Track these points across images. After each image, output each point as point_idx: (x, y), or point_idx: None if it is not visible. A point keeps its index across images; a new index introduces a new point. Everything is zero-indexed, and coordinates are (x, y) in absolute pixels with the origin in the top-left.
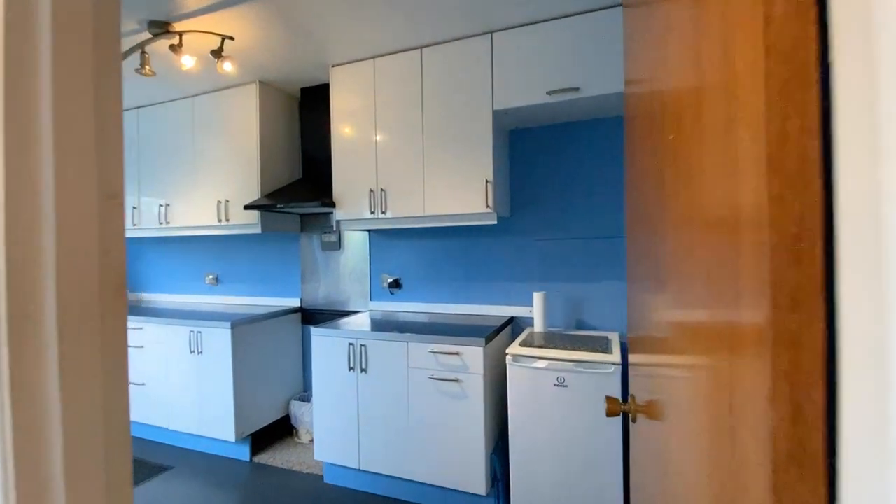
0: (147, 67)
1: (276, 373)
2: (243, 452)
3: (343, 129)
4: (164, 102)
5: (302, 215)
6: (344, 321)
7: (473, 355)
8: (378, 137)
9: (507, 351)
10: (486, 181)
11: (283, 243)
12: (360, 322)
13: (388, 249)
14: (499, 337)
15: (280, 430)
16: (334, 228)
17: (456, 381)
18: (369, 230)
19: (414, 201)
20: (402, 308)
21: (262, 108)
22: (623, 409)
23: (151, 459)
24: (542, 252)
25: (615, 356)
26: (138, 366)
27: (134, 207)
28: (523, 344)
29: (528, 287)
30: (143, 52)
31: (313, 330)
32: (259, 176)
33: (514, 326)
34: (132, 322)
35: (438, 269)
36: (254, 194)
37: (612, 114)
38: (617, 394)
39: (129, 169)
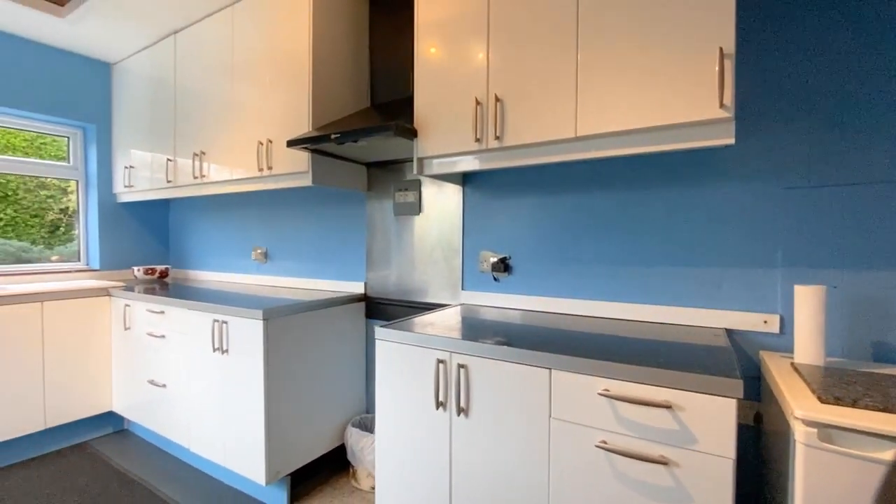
0: None
1: (330, 386)
2: (279, 499)
3: (434, 36)
4: (201, 21)
5: (369, 167)
6: (423, 320)
7: (708, 414)
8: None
9: (799, 414)
10: (722, 53)
11: (345, 206)
12: (447, 322)
13: (491, 212)
14: None
15: (332, 466)
16: (415, 172)
17: (663, 462)
18: (464, 178)
19: (555, 117)
20: (513, 303)
21: (316, 10)
22: None
23: (164, 492)
24: (798, 211)
25: None
26: (159, 361)
27: (169, 160)
28: (832, 399)
29: (764, 276)
30: None
31: (379, 330)
32: (310, 103)
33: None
34: (151, 304)
35: (577, 244)
36: (304, 129)
37: None
38: None
39: (164, 112)
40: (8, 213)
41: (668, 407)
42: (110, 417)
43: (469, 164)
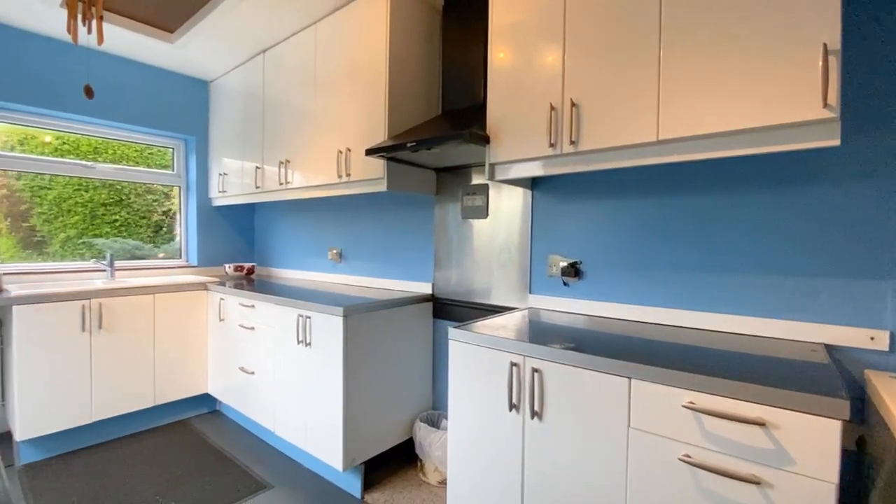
0: None
1: (400, 381)
2: (353, 485)
3: (507, 42)
4: (287, 39)
5: (438, 172)
6: (494, 322)
7: (807, 434)
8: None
9: None
10: (826, 49)
11: (414, 210)
12: (518, 326)
13: (561, 216)
14: None
15: (400, 459)
16: (486, 177)
17: (754, 481)
18: (532, 182)
19: (635, 120)
20: (584, 309)
21: (392, 23)
22: None
23: (253, 470)
24: None
25: None
26: (249, 350)
27: (258, 167)
28: None
29: (871, 288)
30: None
31: (453, 331)
32: (386, 112)
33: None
34: (243, 299)
35: (653, 249)
36: (380, 138)
37: None
38: None
39: (254, 124)
40: (122, 214)
41: (761, 424)
42: (205, 399)
43: (542, 168)
